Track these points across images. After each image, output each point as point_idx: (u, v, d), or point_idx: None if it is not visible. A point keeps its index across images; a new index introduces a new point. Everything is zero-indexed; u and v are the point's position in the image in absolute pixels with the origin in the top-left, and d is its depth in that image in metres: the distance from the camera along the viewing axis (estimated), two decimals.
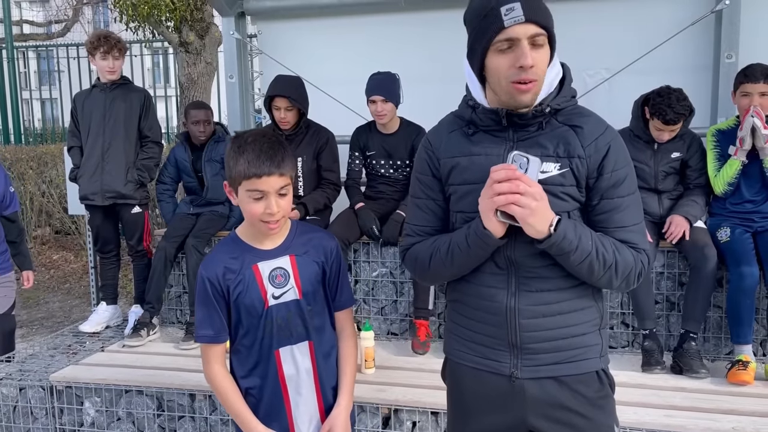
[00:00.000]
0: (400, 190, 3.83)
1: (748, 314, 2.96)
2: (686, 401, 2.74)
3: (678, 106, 3.08)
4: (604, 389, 1.52)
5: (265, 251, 1.71)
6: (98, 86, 3.85)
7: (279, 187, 1.63)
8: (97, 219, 3.91)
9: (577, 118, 1.45)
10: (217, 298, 1.67)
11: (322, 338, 1.76)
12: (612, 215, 1.45)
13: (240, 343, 1.72)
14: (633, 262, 1.44)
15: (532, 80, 1.37)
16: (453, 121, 1.55)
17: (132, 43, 8.22)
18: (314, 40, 4.63)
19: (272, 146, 1.63)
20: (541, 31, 1.35)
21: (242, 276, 1.67)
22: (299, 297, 1.70)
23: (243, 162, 1.60)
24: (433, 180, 1.56)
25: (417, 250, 1.59)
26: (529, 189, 1.33)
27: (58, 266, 7.04)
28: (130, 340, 3.61)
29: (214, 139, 3.99)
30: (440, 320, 3.71)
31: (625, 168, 1.45)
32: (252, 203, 1.62)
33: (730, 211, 3.20)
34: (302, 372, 1.72)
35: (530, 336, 1.47)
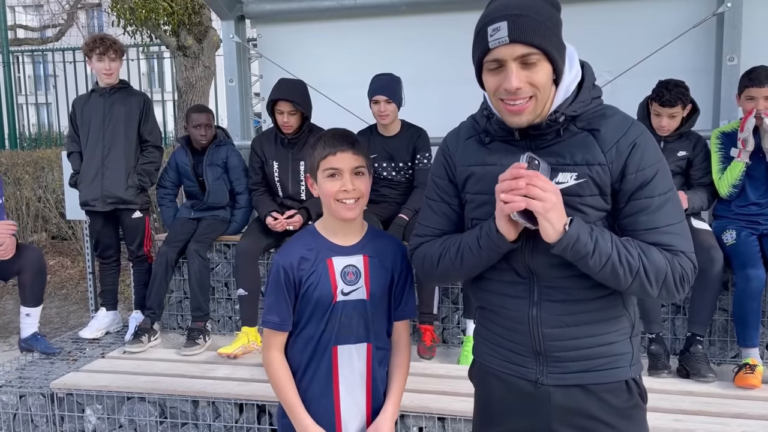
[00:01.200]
0: (402, 193, 3.82)
1: (755, 317, 2.95)
2: (694, 405, 2.72)
3: (674, 89, 3.12)
4: (633, 399, 1.47)
5: (341, 247, 1.71)
6: (97, 91, 3.82)
7: (354, 165, 1.65)
8: (98, 224, 3.87)
9: (598, 121, 1.37)
10: (288, 286, 1.69)
11: (380, 343, 1.76)
12: (639, 217, 1.36)
13: (299, 334, 1.72)
14: (666, 266, 1.33)
15: (522, 102, 1.32)
16: (470, 127, 1.52)
17: (129, 47, 8.20)
18: (314, 43, 4.62)
19: (345, 132, 1.70)
20: (532, 50, 1.28)
21: (316, 267, 1.69)
22: (367, 297, 1.70)
23: (320, 146, 1.66)
24: (448, 184, 1.54)
25: (426, 250, 1.57)
26: (548, 185, 1.28)
27: (54, 272, 6.97)
28: (131, 347, 3.57)
29: (215, 143, 3.96)
30: (444, 325, 3.69)
31: (654, 166, 1.35)
32: (327, 182, 1.65)
33: (736, 213, 3.19)
34: (356, 373, 1.72)
35: (555, 345, 1.44)
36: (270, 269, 1.73)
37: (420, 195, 3.77)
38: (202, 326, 3.64)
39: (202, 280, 3.65)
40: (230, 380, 3.11)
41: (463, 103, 3.33)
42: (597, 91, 1.41)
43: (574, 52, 1.39)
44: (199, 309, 3.66)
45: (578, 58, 1.41)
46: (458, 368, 3.19)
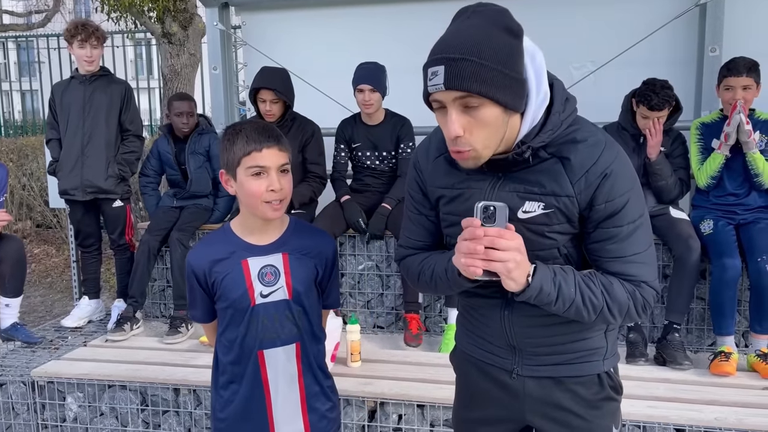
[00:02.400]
0: (385, 183, 3.82)
1: (731, 306, 2.99)
2: (669, 392, 2.76)
3: (662, 92, 3.11)
4: (605, 391, 1.48)
5: (257, 246, 1.64)
6: (77, 77, 3.77)
7: (280, 163, 1.58)
8: (78, 213, 3.85)
9: (567, 148, 1.29)
10: (203, 287, 1.66)
11: (312, 340, 1.71)
12: (606, 245, 1.33)
13: (223, 334, 1.68)
14: (628, 300, 1.33)
15: (466, 150, 1.24)
16: (441, 142, 1.41)
17: (114, 33, 8.11)
18: (299, 31, 4.60)
19: (267, 125, 1.62)
20: (471, 97, 1.18)
21: (230, 270, 1.62)
22: (289, 297, 1.64)
23: (241, 140, 1.56)
24: (423, 198, 1.51)
25: (407, 265, 1.57)
26: (509, 242, 1.23)
27: (39, 260, 6.95)
28: (114, 335, 3.57)
29: (198, 131, 3.94)
30: (426, 313, 3.71)
31: (625, 195, 1.29)
32: (253, 182, 1.56)
33: (713, 203, 3.23)
34: (287, 375, 1.67)
35: (527, 341, 1.45)
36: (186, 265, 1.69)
37: (403, 184, 3.76)
38: (185, 314, 3.64)
39: (184, 269, 3.64)
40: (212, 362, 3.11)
41: None
42: (569, 107, 1.32)
43: (542, 68, 1.26)
44: (181, 297, 3.66)
45: (546, 75, 1.27)
46: (439, 356, 3.22)
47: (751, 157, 3.09)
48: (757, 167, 3.09)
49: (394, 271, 3.70)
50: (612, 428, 1.52)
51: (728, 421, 2.49)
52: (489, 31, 1.19)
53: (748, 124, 3.03)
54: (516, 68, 1.20)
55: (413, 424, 2.78)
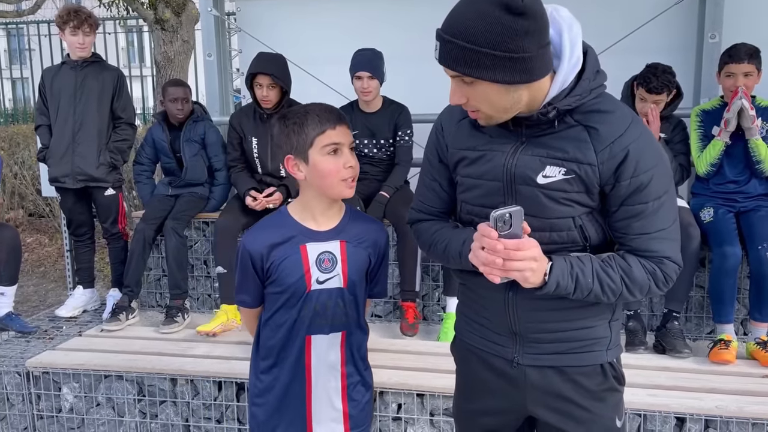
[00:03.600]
0: (383, 170, 3.79)
1: (730, 294, 2.98)
2: (669, 381, 2.75)
3: (663, 76, 3.09)
4: (608, 382, 1.47)
5: (316, 232, 1.63)
6: (68, 63, 3.70)
7: (350, 140, 1.60)
8: (69, 202, 3.79)
9: (595, 117, 1.31)
10: (257, 272, 1.63)
11: (357, 329, 1.71)
12: (632, 223, 1.33)
13: (272, 318, 1.67)
14: (648, 280, 1.34)
15: (473, 111, 1.32)
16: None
17: (105, 20, 8.00)
18: (295, 17, 4.54)
19: (331, 106, 1.63)
20: (460, 74, 1.24)
21: (288, 255, 1.61)
22: (344, 285, 1.63)
23: (312, 121, 1.56)
24: (440, 165, 1.52)
25: (419, 231, 1.58)
26: (526, 252, 1.25)
27: (32, 249, 6.88)
28: (109, 325, 3.53)
29: (193, 118, 3.88)
30: (424, 302, 3.69)
31: (650, 171, 1.30)
32: (330, 160, 1.56)
33: (714, 191, 3.21)
34: (330, 363, 1.67)
35: (531, 327, 1.44)
36: (239, 248, 1.67)
37: (401, 172, 3.75)
38: (181, 304, 3.60)
39: (179, 258, 3.61)
40: (209, 358, 3.09)
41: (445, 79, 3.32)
42: (600, 79, 1.33)
43: (578, 36, 1.29)
44: (177, 287, 3.62)
45: (581, 45, 1.30)
46: (438, 345, 3.20)
47: (753, 143, 3.06)
48: (759, 154, 3.07)
49: (391, 259, 3.67)
50: (615, 419, 1.51)
51: (729, 409, 2.48)
52: (485, 10, 1.18)
53: (752, 110, 3.01)
54: (513, 47, 1.19)
55: (413, 413, 2.76)
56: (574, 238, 1.36)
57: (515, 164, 1.35)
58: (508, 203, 1.36)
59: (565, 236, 1.36)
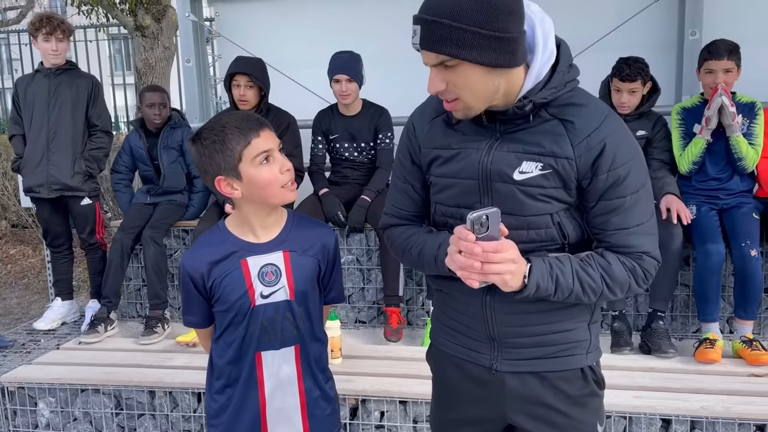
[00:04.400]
0: (364, 174, 3.75)
1: (715, 292, 2.95)
2: (655, 381, 2.72)
3: (635, 64, 3.09)
4: (589, 386, 1.43)
5: (256, 245, 1.55)
6: (42, 71, 3.65)
7: (277, 143, 1.52)
8: (45, 212, 3.73)
9: (570, 110, 1.29)
10: (200, 291, 1.57)
11: (312, 341, 1.63)
12: (610, 218, 1.31)
13: (221, 337, 1.60)
14: (628, 278, 1.32)
15: (451, 99, 1.27)
16: (439, 104, 1.42)
17: (87, 28, 7.93)
18: (273, 21, 4.50)
19: (246, 113, 1.56)
20: (445, 58, 1.20)
21: (229, 271, 1.54)
22: (290, 297, 1.56)
23: (233, 135, 1.46)
24: (412, 166, 1.47)
25: (392, 237, 1.53)
26: (504, 254, 1.21)
27: (15, 261, 6.79)
28: (87, 337, 3.47)
29: (170, 125, 3.82)
30: (408, 306, 3.65)
31: (628, 164, 1.29)
32: (264, 170, 1.47)
33: (696, 188, 3.18)
34: (284, 379, 1.60)
35: (509, 331, 1.40)
36: (179, 269, 1.59)
37: (382, 175, 3.70)
38: (161, 314, 3.54)
39: (158, 267, 3.55)
40: (189, 369, 3.03)
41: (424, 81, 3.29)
42: (573, 73, 1.31)
43: (551, 29, 1.29)
44: (156, 297, 3.56)
45: (554, 38, 1.29)
46: (421, 350, 3.13)
47: (734, 140, 3.04)
48: (741, 151, 3.04)
49: (375, 264, 3.63)
50: (597, 425, 1.47)
51: (715, 410, 2.46)
52: None
53: (733, 107, 2.98)
54: (498, 26, 1.18)
55: (396, 420, 2.72)
56: (552, 235, 1.33)
57: (491, 161, 1.32)
58: (484, 202, 1.33)
59: (543, 234, 1.33)
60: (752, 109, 3.13)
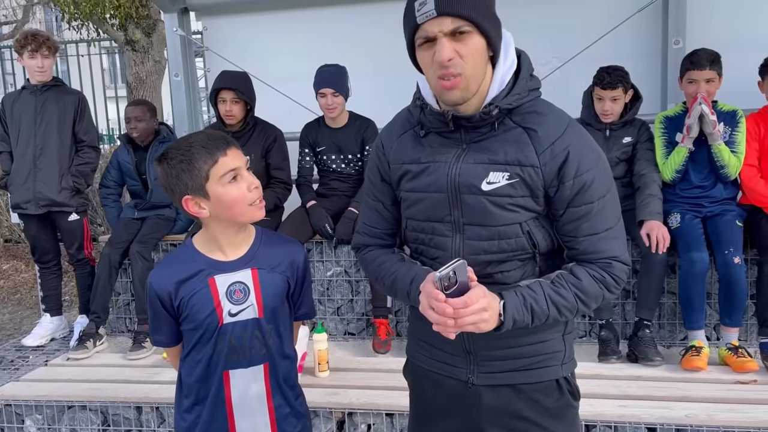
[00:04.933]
0: (352, 186, 3.76)
1: (700, 300, 2.96)
2: (641, 390, 2.72)
3: (614, 72, 3.14)
4: (564, 398, 1.45)
5: (224, 263, 1.55)
6: (28, 88, 3.67)
7: (245, 161, 1.52)
8: (33, 228, 3.74)
9: (533, 119, 1.32)
10: (168, 310, 1.56)
11: (282, 359, 1.62)
12: (580, 224, 1.33)
13: (189, 355, 1.60)
14: (600, 290, 1.35)
15: (456, 74, 1.25)
16: (405, 120, 1.45)
17: (78, 42, 7.96)
18: (260, 35, 4.52)
19: (212, 132, 1.55)
20: (461, 23, 1.22)
21: (196, 289, 1.53)
22: (259, 315, 1.56)
23: (200, 155, 1.46)
24: (382, 184, 1.49)
25: (365, 260, 1.55)
26: (476, 305, 1.23)
27: (8, 276, 6.79)
28: (75, 353, 3.46)
29: (159, 140, 3.83)
30: (397, 318, 3.65)
31: (592, 170, 1.31)
32: (232, 188, 1.48)
33: (680, 196, 3.19)
34: (253, 397, 1.59)
35: (484, 344, 1.41)
36: (147, 287, 1.59)
37: None
38: (149, 329, 3.53)
39: (145, 282, 3.54)
40: (175, 384, 3.02)
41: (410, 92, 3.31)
42: (534, 82, 1.35)
43: (510, 40, 1.33)
44: (144, 312, 3.55)
45: (514, 47, 1.34)
46: None
47: (716, 148, 3.05)
48: (723, 159, 3.06)
49: (363, 276, 3.63)
50: None
51: (699, 418, 2.46)
52: None
53: (713, 115, 3.00)
54: (493, 6, 1.28)
55: None
56: (522, 244, 1.35)
57: (459, 173, 1.34)
58: (453, 214, 1.35)
59: (513, 243, 1.34)
60: (734, 117, 3.15)
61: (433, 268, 1.37)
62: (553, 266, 1.40)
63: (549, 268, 1.39)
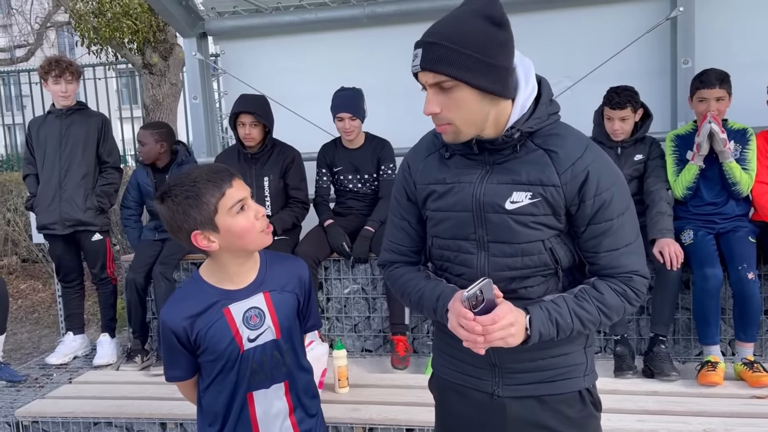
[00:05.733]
0: (368, 205, 3.83)
1: (714, 315, 2.99)
2: (658, 405, 2.75)
3: (623, 92, 3.20)
4: (587, 409, 1.49)
5: (236, 291, 1.58)
6: (53, 112, 3.79)
7: (249, 191, 1.57)
8: (58, 249, 3.83)
9: (554, 141, 1.38)
10: (184, 345, 1.57)
11: (300, 373, 1.67)
12: (601, 240, 1.39)
13: (211, 385, 1.61)
14: (622, 303, 1.40)
15: (443, 124, 1.34)
16: (431, 143, 1.51)
17: (96, 66, 8.13)
18: (277, 58, 4.62)
19: (213, 165, 1.58)
20: (442, 78, 1.28)
21: (213, 321, 1.54)
22: (277, 336, 1.59)
23: (206, 188, 1.48)
24: (408, 203, 1.55)
25: (392, 277, 1.60)
26: (503, 321, 1.29)
27: (26, 296, 6.87)
28: (126, 366, 3.64)
29: (177, 161, 3.92)
30: (413, 334, 3.70)
31: (611, 188, 1.37)
32: (241, 219, 1.50)
33: (693, 213, 3.24)
34: (278, 414, 1.64)
35: (509, 357, 1.45)
36: (159, 324, 1.59)
37: (385, 206, 3.78)
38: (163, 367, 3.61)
39: None
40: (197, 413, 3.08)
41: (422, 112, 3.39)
42: (554, 107, 1.41)
43: (531, 67, 1.38)
44: None
45: (534, 73, 1.39)
46: (427, 378, 3.18)
47: (727, 166, 3.11)
48: (734, 176, 3.11)
49: (380, 293, 3.69)
50: None
51: None
52: (469, 19, 1.29)
53: (723, 133, 3.06)
54: (493, 54, 1.28)
55: None
56: (545, 260, 1.40)
57: (483, 193, 1.40)
58: (478, 232, 1.41)
59: (536, 260, 1.40)
60: (744, 135, 3.21)
61: (458, 285, 1.44)
62: (574, 281, 1.46)
63: (570, 283, 1.45)
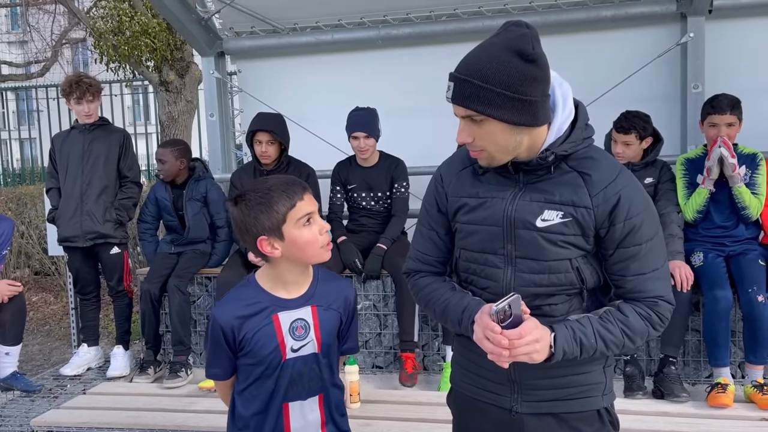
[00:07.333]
0: (381, 222, 3.88)
1: (724, 337, 3.01)
2: (668, 426, 2.77)
3: (632, 118, 3.25)
4: (605, 428, 1.50)
5: (287, 300, 1.62)
6: (77, 128, 3.90)
7: (317, 206, 1.63)
8: (77, 261, 3.90)
9: (588, 164, 1.41)
10: (229, 344, 1.61)
11: (333, 390, 1.70)
12: (629, 264, 1.41)
13: (247, 389, 1.65)
14: (646, 327, 1.42)
15: (477, 151, 1.41)
16: (465, 158, 1.54)
17: (112, 82, 8.27)
18: (293, 77, 4.71)
19: (289, 177, 1.63)
20: (471, 113, 1.34)
21: (261, 326, 1.59)
22: (318, 350, 1.63)
23: (279, 198, 1.55)
24: (438, 214, 1.58)
25: (417, 286, 1.62)
26: (529, 337, 1.31)
27: (37, 308, 6.92)
28: (139, 377, 3.70)
29: (195, 177, 3.99)
30: (424, 352, 3.72)
31: (642, 214, 1.40)
32: (306, 231, 1.56)
33: (703, 236, 3.28)
34: (310, 426, 1.66)
35: (529, 374, 1.47)
36: (209, 321, 1.65)
37: (398, 223, 3.84)
38: (184, 360, 3.65)
39: (183, 315, 3.68)
40: (211, 413, 3.11)
41: (437, 133, 3.46)
42: (589, 131, 1.45)
43: (569, 91, 1.43)
44: (180, 343, 3.67)
45: (572, 97, 1.43)
46: (438, 395, 3.22)
47: (737, 190, 3.15)
48: (744, 200, 3.15)
49: (391, 310, 3.73)
50: None
51: None
52: (500, 54, 1.32)
53: (734, 158, 3.10)
54: (523, 91, 1.32)
55: None
56: (571, 279, 1.43)
57: (515, 209, 1.43)
58: (507, 248, 1.45)
59: (563, 278, 1.43)
60: (754, 159, 3.26)
61: (483, 298, 1.47)
62: (597, 302, 1.48)
63: (593, 304, 1.48)
